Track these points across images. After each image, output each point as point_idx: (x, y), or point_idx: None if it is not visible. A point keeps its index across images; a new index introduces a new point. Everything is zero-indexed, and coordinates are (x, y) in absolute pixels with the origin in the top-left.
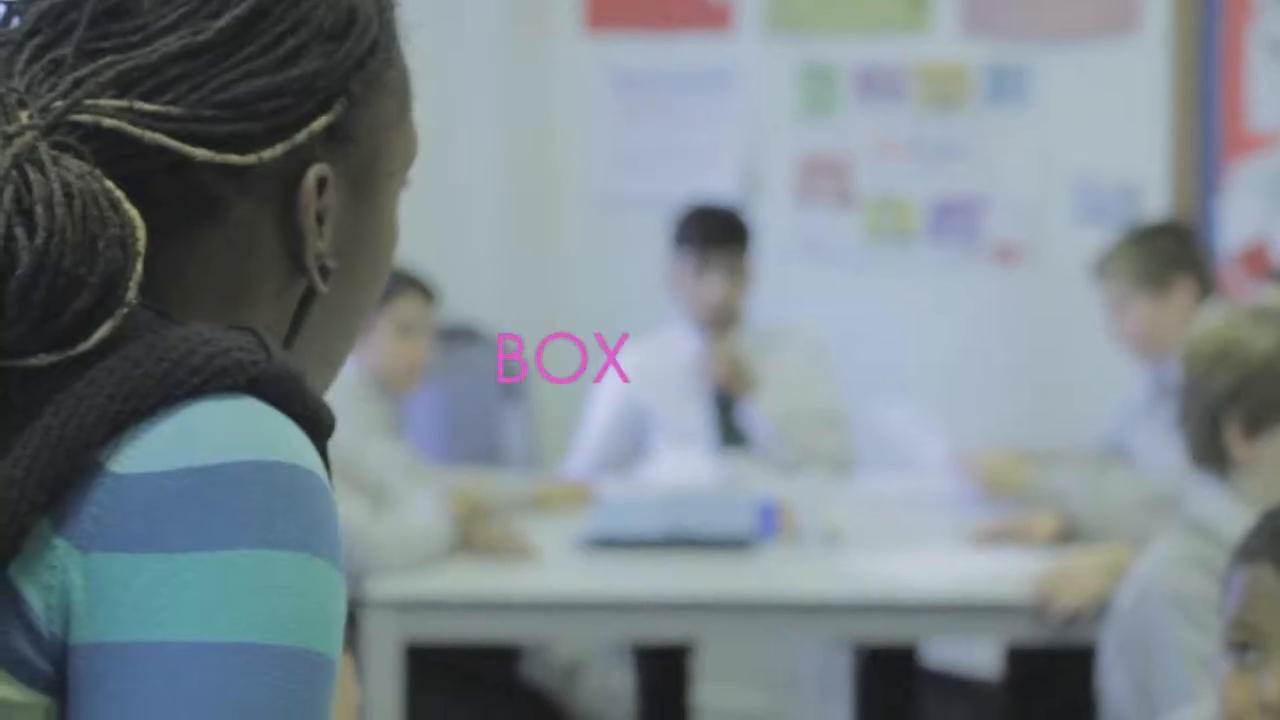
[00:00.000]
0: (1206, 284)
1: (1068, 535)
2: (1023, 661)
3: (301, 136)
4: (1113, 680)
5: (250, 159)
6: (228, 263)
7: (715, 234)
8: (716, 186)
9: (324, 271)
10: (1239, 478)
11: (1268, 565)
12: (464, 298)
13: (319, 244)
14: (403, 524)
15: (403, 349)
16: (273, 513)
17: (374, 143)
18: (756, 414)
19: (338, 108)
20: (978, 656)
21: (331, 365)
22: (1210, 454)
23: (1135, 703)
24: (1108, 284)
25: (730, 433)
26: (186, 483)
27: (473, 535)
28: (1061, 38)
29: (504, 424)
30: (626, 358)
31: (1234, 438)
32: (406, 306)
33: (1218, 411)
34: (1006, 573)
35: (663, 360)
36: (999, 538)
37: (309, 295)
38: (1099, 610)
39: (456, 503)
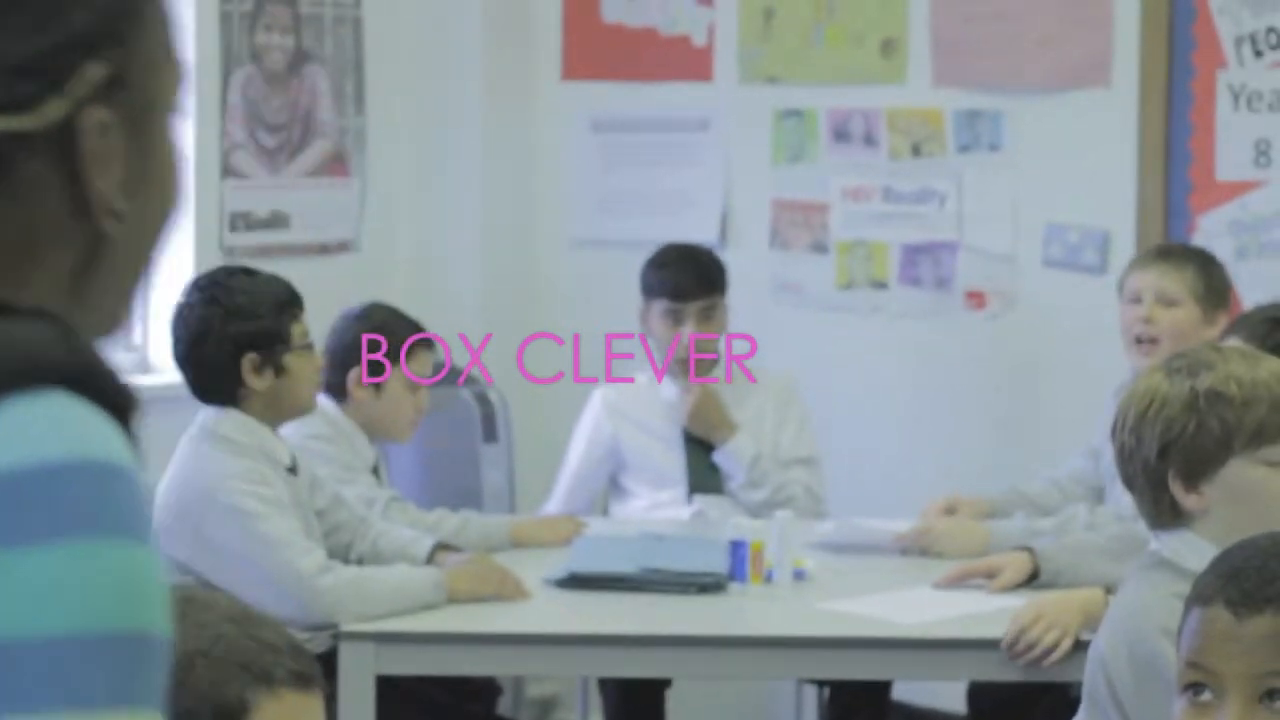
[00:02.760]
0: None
1: (1039, 575)
2: (986, 696)
3: (81, 89)
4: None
5: (33, 120)
6: (14, 219)
7: (689, 283)
8: (693, 231)
9: (114, 215)
10: (1198, 527)
11: (1221, 607)
12: (445, 339)
13: (106, 189)
14: (358, 576)
15: (412, 402)
16: (93, 505)
17: (147, 80)
18: (731, 456)
19: (111, 55)
20: (944, 690)
21: (127, 302)
22: (1162, 512)
23: None
24: (1169, 273)
25: (703, 475)
26: (7, 484)
27: (461, 592)
28: (1033, 89)
29: (483, 466)
30: (603, 400)
31: (1178, 491)
32: (418, 364)
33: (1155, 471)
34: (979, 611)
35: (638, 403)
36: (969, 578)
37: (100, 239)
38: (1070, 650)
39: (454, 573)
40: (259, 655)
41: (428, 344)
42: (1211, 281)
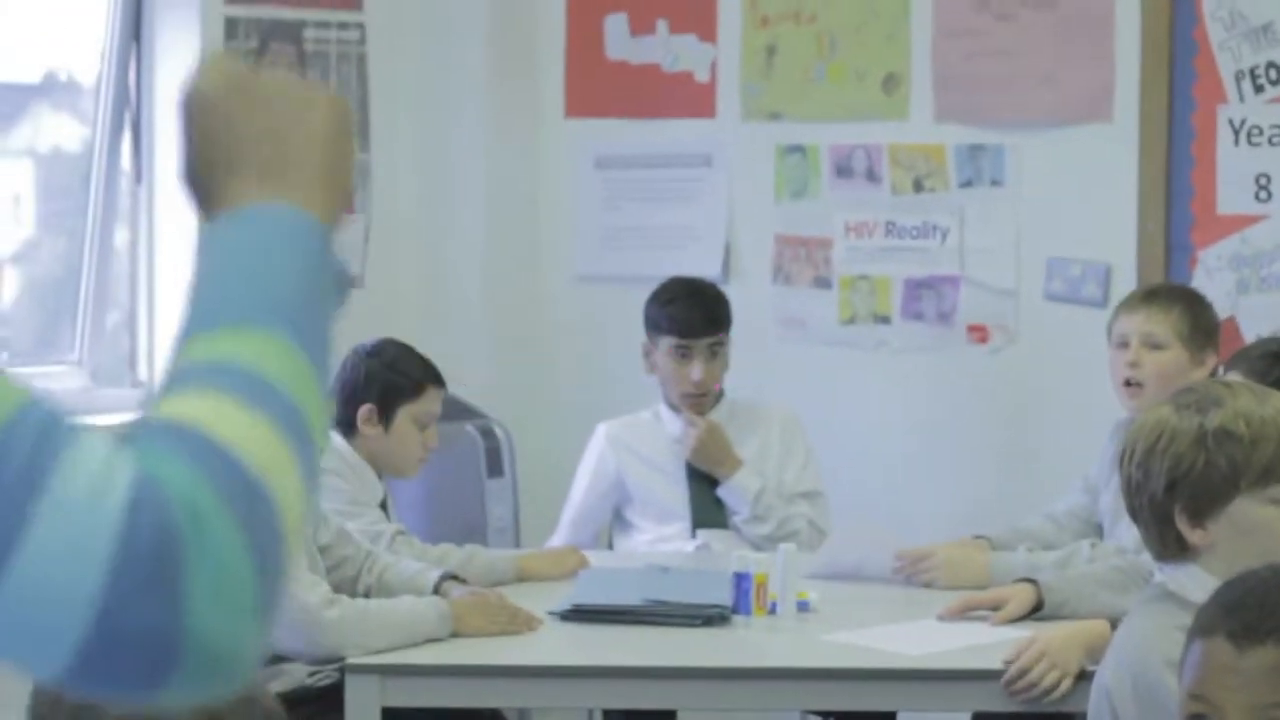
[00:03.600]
0: (1215, 370)
1: (1043, 607)
2: None
3: None
4: None
5: None
6: None
7: (697, 320)
8: (696, 266)
9: None
10: (1204, 561)
11: (1222, 639)
12: (449, 375)
13: None
14: (364, 608)
15: (420, 439)
16: None
17: None
18: (736, 491)
19: None
20: None
21: None
22: (1167, 546)
23: None
24: (1154, 316)
25: (707, 509)
26: None
27: (471, 629)
28: (1035, 124)
29: (487, 501)
30: (607, 435)
31: (1184, 527)
32: (429, 402)
33: (1162, 505)
34: (983, 643)
35: (642, 438)
36: (971, 610)
37: None
38: (1073, 682)
39: (463, 610)
40: None
41: (438, 382)
42: (1198, 322)
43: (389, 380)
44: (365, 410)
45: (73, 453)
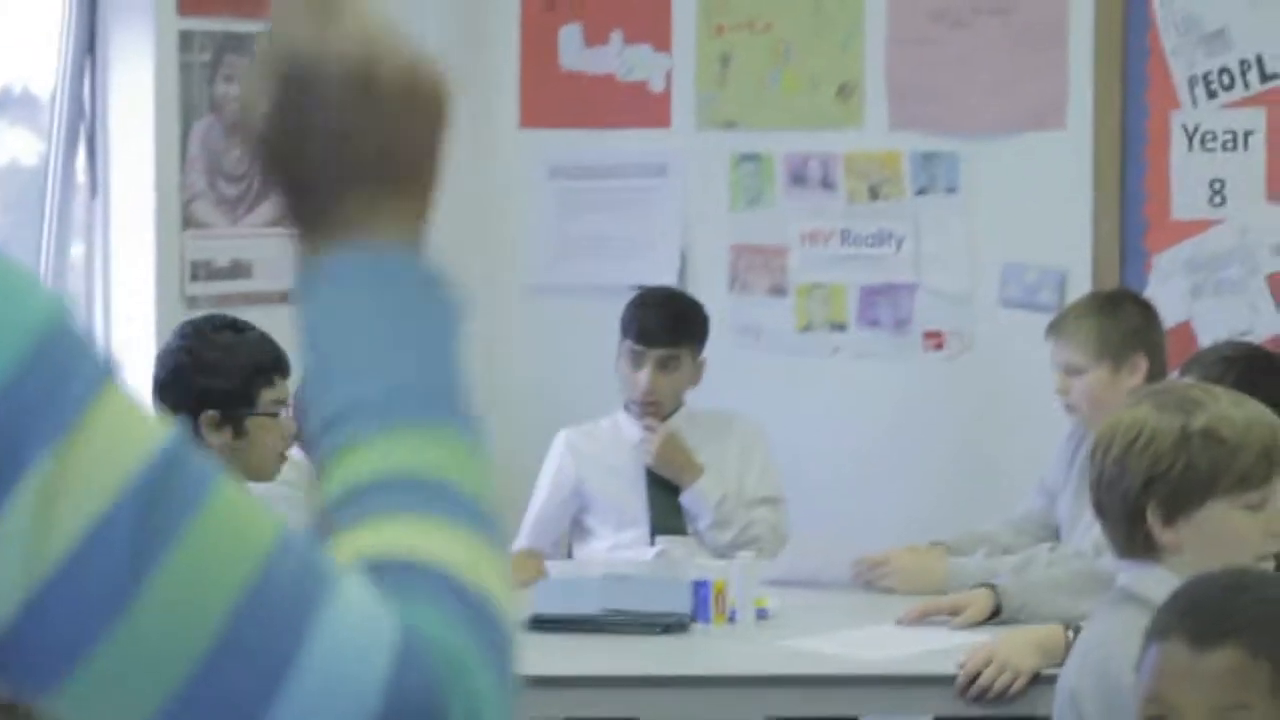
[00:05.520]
0: (1160, 364)
1: (1001, 612)
2: None
3: None
4: None
5: None
6: None
7: (654, 328)
8: (651, 276)
9: None
10: (1169, 563)
11: (1180, 641)
12: None
13: None
14: None
15: None
16: None
17: None
18: (698, 498)
19: None
20: None
21: None
22: (1134, 544)
23: None
24: (1064, 345)
25: (666, 515)
26: None
27: None
28: (989, 131)
29: None
30: (567, 442)
31: (1155, 526)
32: None
33: (1135, 502)
34: (942, 647)
35: (601, 445)
36: (930, 615)
37: None
38: (1026, 687)
39: None
40: None
41: None
42: (1110, 335)
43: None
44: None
45: (336, 597)
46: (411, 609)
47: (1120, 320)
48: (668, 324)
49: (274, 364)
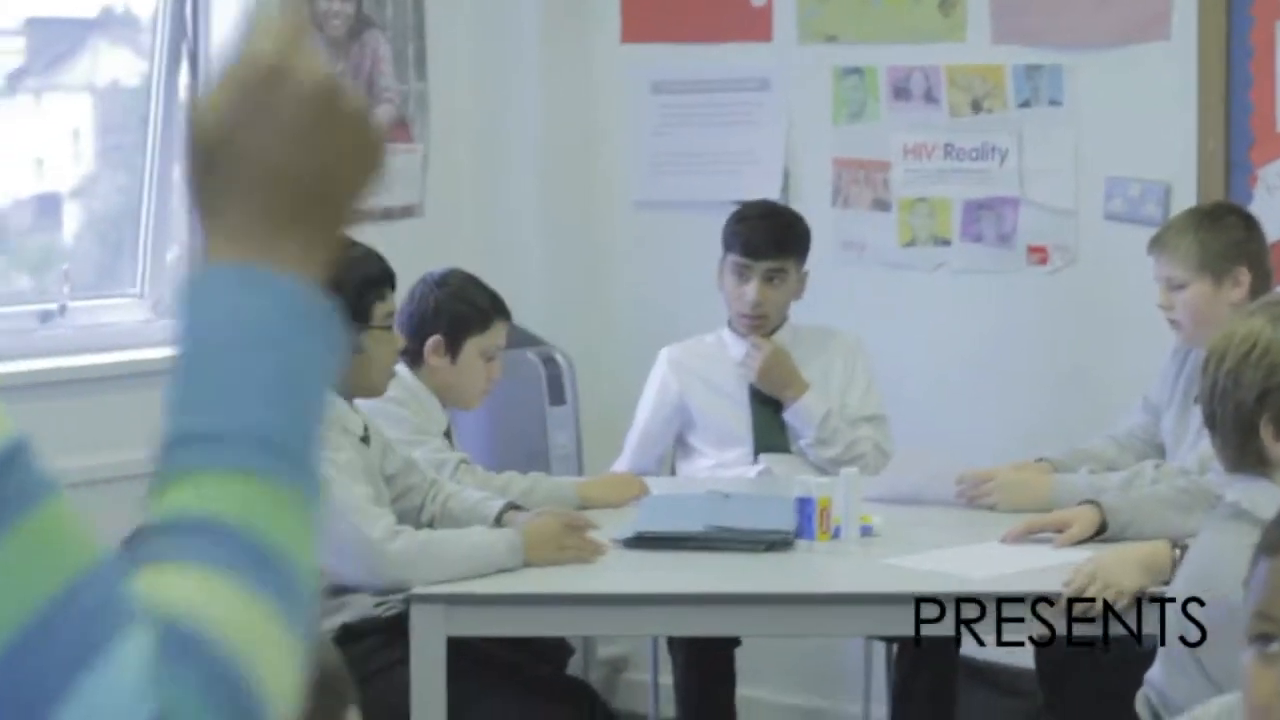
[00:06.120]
0: (1263, 277)
1: (1107, 529)
2: (1054, 650)
3: None
4: (1167, 670)
5: None
6: None
7: (760, 241)
8: (754, 191)
9: None
10: (1278, 477)
11: None
12: (510, 303)
13: None
14: (428, 540)
15: (485, 371)
16: None
17: None
18: (801, 414)
19: None
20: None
21: None
22: (1245, 457)
23: (1192, 689)
24: (1166, 260)
25: (770, 433)
26: None
27: (541, 560)
28: (1092, 43)
29: (550, 428)
30: (670, 360)
31: (1267, 439)
32: (496, 335)
33: (1249, 414)
34: (1046, 565)
35: (705, 362)
36: (1035, 532)
37: None
38: (1130, 604)
39: (534, 541)
40: None
41: (504, 314)
42: (1209, 247)
43: (457, 312)
44: (433, 341)
45: (111, 661)
46: (170, 690)
47: (1220, 233)
48: (773, 237)
49: (383, 276)
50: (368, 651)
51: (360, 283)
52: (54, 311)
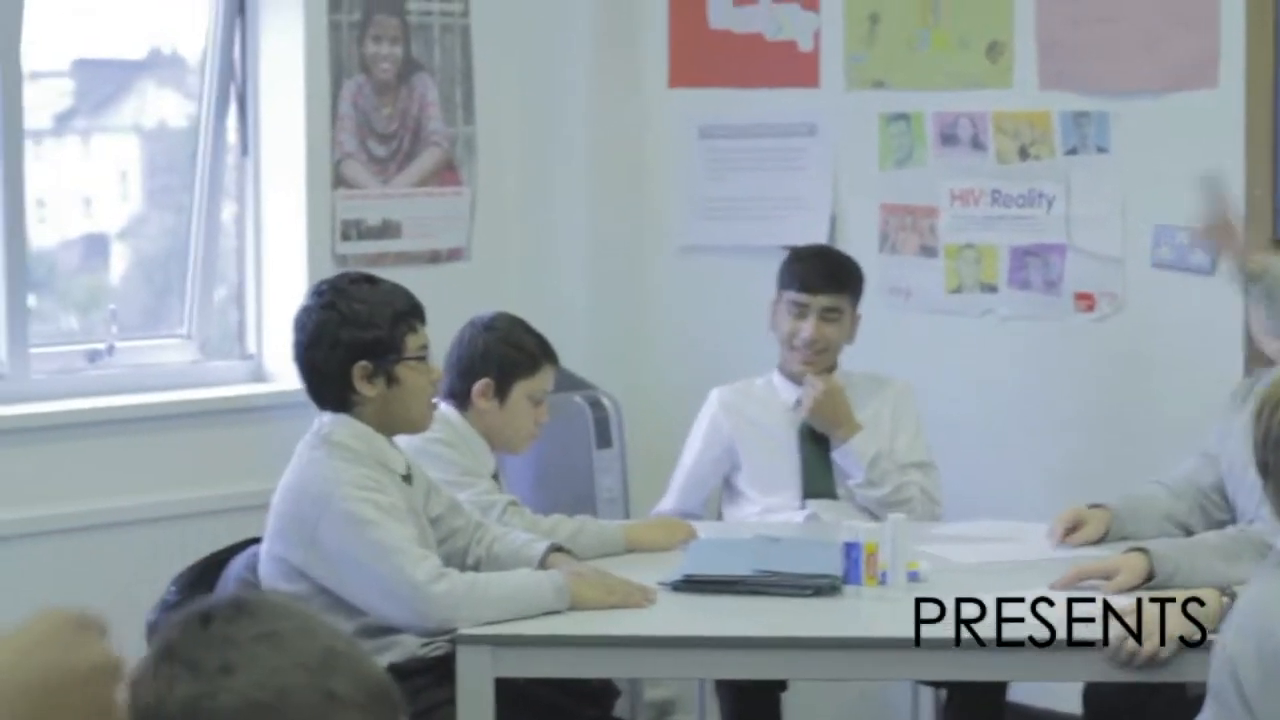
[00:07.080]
0: None
1: (1155, 576)
2: (1102, 696)
3: None
4: (1216, 717)
5: None
6: None
7: (817, 278)
8: (801, 236)
9: None
10: None
11: None
12: (557, 346)
13: None
14: (473, 581)
15: (533, 415)
16: None
17: None
18: (852, 454)
19: None
20: (1060, 690)
21: None
22: None
23: None
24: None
25: (818, 478)
26: None
27: (587, 602)
28: (1140, 90)
29: (596, 471)
30: (721, 401)
31: None
32: (544, 379)
33: None
34: (1093, 613)
35: (756, 405)
36: (1086, 579)
37: None
38: (1177, 651)
39: (580, 583)
40: (322, 714)
41: (552, 358)
42: None
43: (506, 355)
44: (482, 384)
45: None
46: None
47: None
48: (830, 273)
49: (411, 309)
50: (415, 691)
51: (391, 317)
52: (102, 351)
